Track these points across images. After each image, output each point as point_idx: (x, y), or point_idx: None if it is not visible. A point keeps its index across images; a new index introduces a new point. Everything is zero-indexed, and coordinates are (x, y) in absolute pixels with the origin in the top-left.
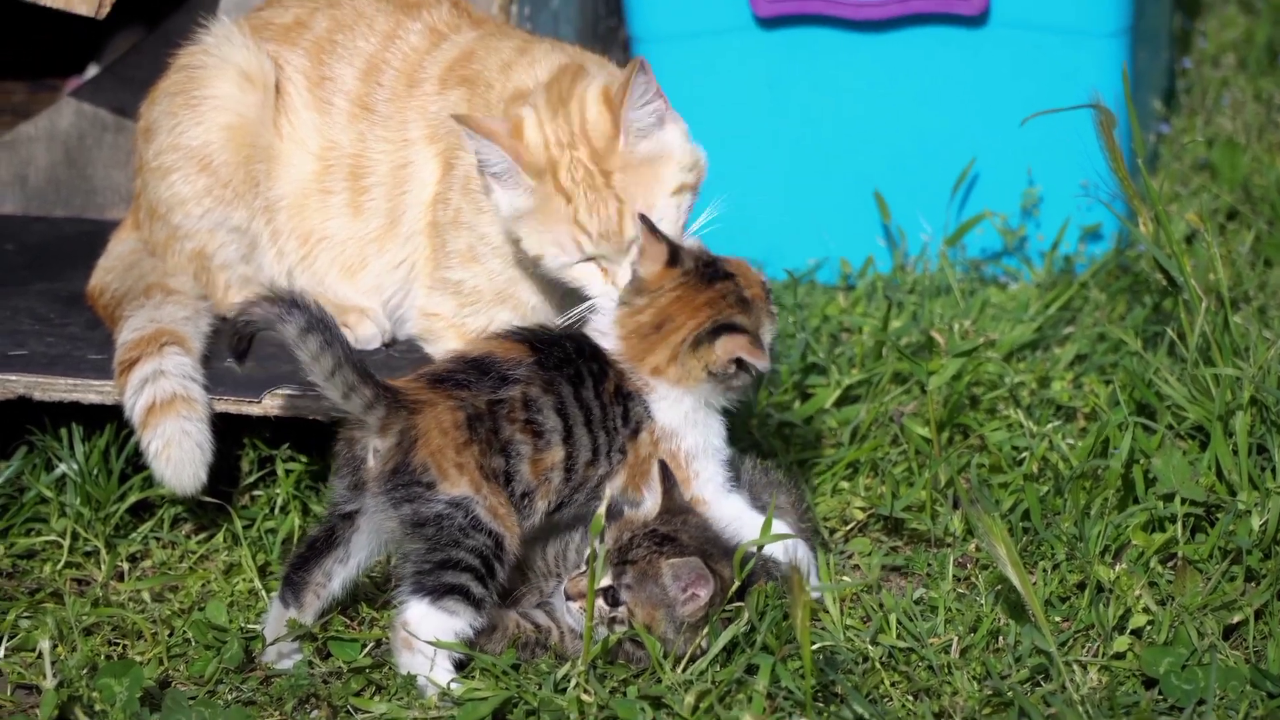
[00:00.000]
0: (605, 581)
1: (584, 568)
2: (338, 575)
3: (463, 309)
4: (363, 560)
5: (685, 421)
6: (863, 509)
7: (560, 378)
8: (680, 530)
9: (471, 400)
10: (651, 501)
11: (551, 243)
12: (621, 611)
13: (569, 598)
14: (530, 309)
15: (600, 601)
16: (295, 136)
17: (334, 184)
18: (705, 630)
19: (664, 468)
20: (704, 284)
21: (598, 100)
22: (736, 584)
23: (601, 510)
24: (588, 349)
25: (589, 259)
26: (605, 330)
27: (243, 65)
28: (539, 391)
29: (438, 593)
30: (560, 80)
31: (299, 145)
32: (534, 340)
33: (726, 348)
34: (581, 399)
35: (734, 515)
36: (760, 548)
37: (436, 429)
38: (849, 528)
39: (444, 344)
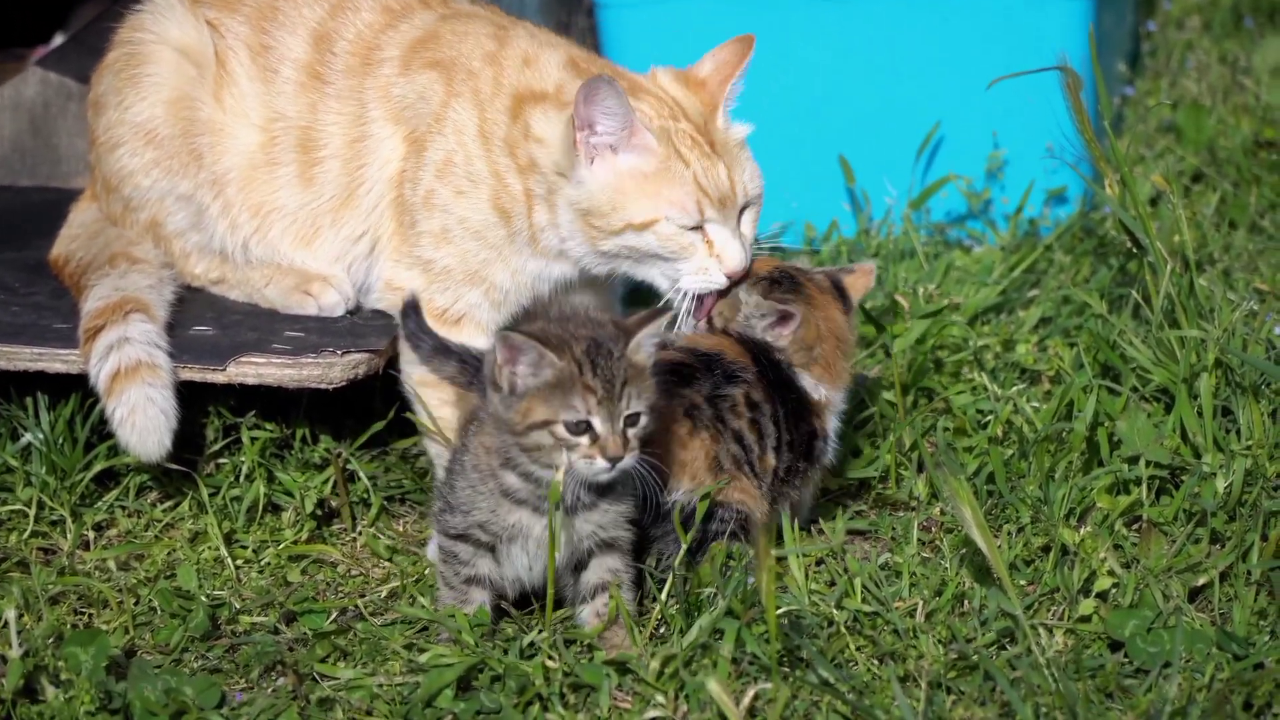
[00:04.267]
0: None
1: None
2: None
3: (430, 285)
4: None
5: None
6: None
7: (775, 395)
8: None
9: (691, 398)
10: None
11: (670, 204)
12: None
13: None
14: (502, 292)
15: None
16: (238, 109)
17: (281, 155)
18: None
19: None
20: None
21: (674, 83)
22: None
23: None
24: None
25: (696, 228)
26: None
27: (179, 41)
28: (761, 397)
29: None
30: (611, 70)
31: (242, 117)
32: (757, 352)
33: None
34: (791, 423)
35: None
36: None
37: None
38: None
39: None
